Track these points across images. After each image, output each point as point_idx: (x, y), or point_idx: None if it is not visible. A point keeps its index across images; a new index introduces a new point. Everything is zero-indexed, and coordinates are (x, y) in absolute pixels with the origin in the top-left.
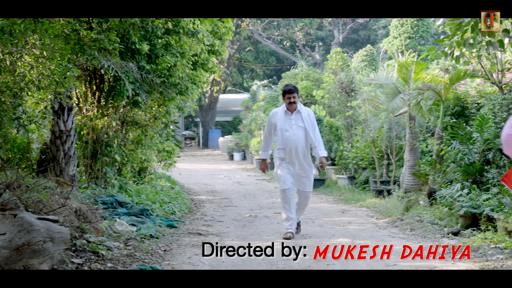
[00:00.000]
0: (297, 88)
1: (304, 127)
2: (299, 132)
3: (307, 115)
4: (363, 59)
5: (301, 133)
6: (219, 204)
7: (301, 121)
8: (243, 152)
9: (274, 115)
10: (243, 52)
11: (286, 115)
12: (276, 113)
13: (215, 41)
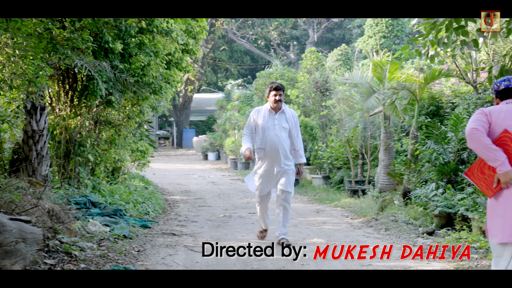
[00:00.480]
0: (284, 87)
1: (288, 128)
2: (282, 133)
3: (291, 116)
4: (338, 59)
5: (284, 134)
6: (193, 204)
7: (285, 121)
8: (218, 152)
9: (257, 112)
10: (217, 51)
11: (270, 114)
12: (259, 111)
13: (189, 40)
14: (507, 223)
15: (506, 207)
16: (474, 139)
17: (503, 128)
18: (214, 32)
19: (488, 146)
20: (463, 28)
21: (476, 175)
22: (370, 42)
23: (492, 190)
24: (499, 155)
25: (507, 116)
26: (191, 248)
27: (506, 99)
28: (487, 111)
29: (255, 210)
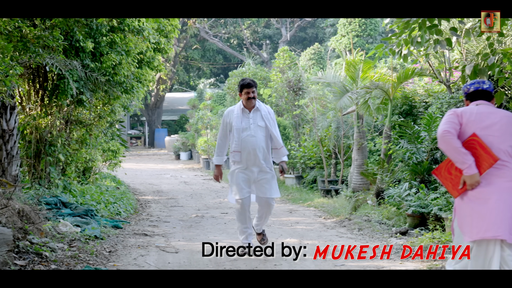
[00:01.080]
0: (256, 83)
1: (264, 127)
2: (258, 132)
3: (267, 112)
4: (310, 58)
5: (261, 134)
6: (165, 204)
7: (261, 119)
8: (190, 151)
9: (229, 113)
10: (189, 50)
11: (244, 113)
12: (231, 111)
13: (161, 39)
14: (474, 222)
15: (472, 207)
16: (445, 141)
17: (472, 131)
18: (186, 31)
19: (458, 149)
20: (436, 27)
21: (443, 174)
22: (343, 41)
23: (457, 191)
24: (467, 159)
25: (477, 119)
26: (163, 249)
27: (475, 101)
28: (459, 112)
29: (228, 211)
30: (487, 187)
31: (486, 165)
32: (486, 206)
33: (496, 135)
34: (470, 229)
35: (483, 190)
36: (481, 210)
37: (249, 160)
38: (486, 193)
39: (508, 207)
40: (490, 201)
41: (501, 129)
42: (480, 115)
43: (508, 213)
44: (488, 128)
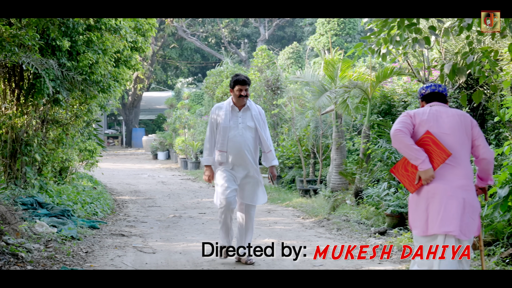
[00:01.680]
0: (250, 81)
1: (254, 128)
2: (247, 132)
3: (257, 113)
4: (289, 57)
5: (249, 134)
6: (143, 205)
7: (250, 119)
8: (168, 151)
9: (217, 109)
10: (167, 49)
11: (233, 111)
12: (220, 108)
13: (138, 38)
14: (429, 217)
15: (428, 203)
16: (398, 140)
17: (425, 129)
18: (164, 29)
19: (410, 146)
20: (415, 26)
21: (400, 172)
22: (321, 40)
23: (414, 186)
24: (420, 154)
25: (430, 118)
26: (141, 249)
27: (430, 102)
28: (412, 113)
29: (205, 211)
30: (442, 184)
31: (439, 160)
32: (440, 203)
33: (449, 133)
34: (425, 223)
35: (438, 187)
36: (435, 206)
37: (235, 161)
38: (441, 190)
39: (461, 204)
40: (444, 198)
41: (454, 127)
42: (433, 114)
43: (461, 210)
44: (441, 127)
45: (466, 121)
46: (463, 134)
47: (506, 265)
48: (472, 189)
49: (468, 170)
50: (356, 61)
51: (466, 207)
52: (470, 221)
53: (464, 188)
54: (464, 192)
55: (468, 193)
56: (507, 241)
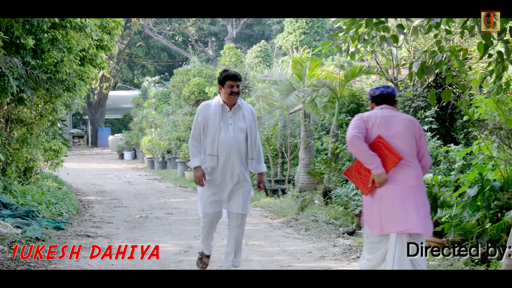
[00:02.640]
0: (241, 77)
1: (246, 128)
2: (238, 134)
3: (249, 112)
4: (257, 55)
5: (241, 136)
6: (109, 205)
7: (242, 120)
8: (134, 151)
9: (205, 108)
10: (133, 48)
11: (223, 110)
12: (208, 106)
13: (104, 36)
14: (383, 217)
15: (381, 204)
16: (354, 145)
17: (378, 133)
18: (130, 27)
19: (366, 152)
20: (383, 24)
21: (354, 175)
22: (290, 38)
23: (367, 189)
24: (374, 160)
25: (382, 122)
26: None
27: (380, 104)
28: (365, 117)
29: (172, 211)
30: (394, 185)
31: (391, 164)
32: (393, 203)
33: (400, 137)
34: (379, 224)
35: (390, 188)
36: (389, 206)
37: (225, 167)
38: (393, 191)
39: (414, 204)
40: (395, 199)
41: (404, 131)
42: (385, 119)
43: (414, 209)
44: (392, 131)
45: (415, 126)
46: (412, 137)
47: (475, 265)
48: (423, 189)
49: (418, 171)
50: (324, 59)
51: (419, 206)
52: (426, 219)
53: (416, 188)
54: (416, 192)
55: (420, 192)
56: (476, 241)
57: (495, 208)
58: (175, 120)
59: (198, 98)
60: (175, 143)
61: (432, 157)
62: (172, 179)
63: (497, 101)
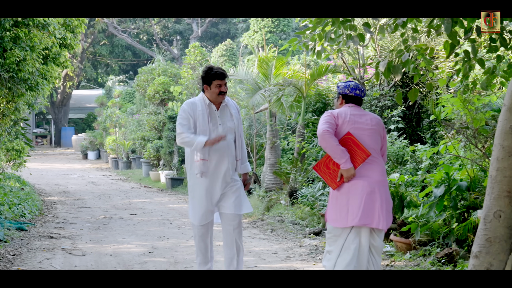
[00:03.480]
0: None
1: (234, 128)
2: (228, 135)
3: (236, 110)
4: (222, 54)
5: (231, 137)
6: (72, 206)
7: (230, 119)
8: (98, 150)
9: (192, 107)
10: (97, 46)
11: (211, 110)
12: (194, 105)
13: (67, 34)
14: (349, 211)
15: (348, 197)
16: (325, 140)
17: (347, 130)
18: (94, 26)
19: (336, 147)
20: (349, 22)
21: (322, 169)
22: (256, 37)
23: (336, 183)
24: (344, 155)
25: (351, 120)
26: (70, 252)
27: (349, 103)
28: (335, 114)
29: (137, 212)
30: (363, 181)
31: (359, 159)
32: (361, 197)
33: (367, 134)
34: (345, 216)
35: (358, 183)
36: (355, 200)
37: (217, 172)
38: (362, 186)
39: (379, 198)
40: (363, 193)
41: (372, 129)
42: (354, 116)
43: (379, 203)
44: (360, 128)
45: (380, 124)
46: (378, 135)
47: (442, 265)
48: (387, 185)
49: (383, 166)
50: (290, 58)
51: (384, 201)
52: (388, 214)
53: (381, 183)
54: (381, 187)
55: (385, 188)
56: (443, 241)
57: (462, 208)
58: (140, 120)
59: (163, 98)
60: (140, 142)
61: (398, 157)
62: (137, 179)
63: (463, 100)
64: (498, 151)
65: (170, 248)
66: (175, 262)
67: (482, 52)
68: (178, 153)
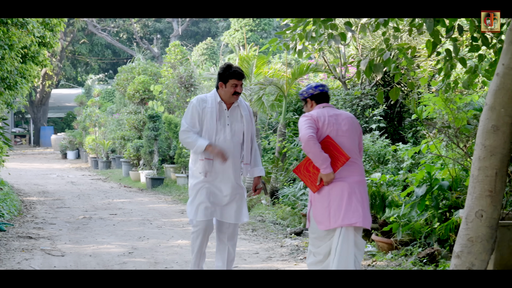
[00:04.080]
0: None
1: (243, 130)
2: (235, 137)
3: (248, 112)
4: (203, 53)
5: (238, 139)
6: (51, 206)
7: (239, 120)
8: (77, 150)
9: (201, 104)
10: (77, 45)
11: (220, 109)
12: (203, 101)
13: (46, 33)
14: (331, 213)
15: (329, 200)
16: (310, 145)
17: (327, 133)
18: (73, 24)
19: (319, 153)
20: (330, 21)
21: (302, 172)
22: (236, 35)
23: (316, 187)
24: (325, 161)
25: (330, 122)
26: (49, 252)
27: (322, 103)
28: (315, 117)
29: (117, 212)
30: (343, 182)
31: (339, 163)
32: (342, 198)
33: (346, 136)
34: (327, 219)
35: (338, 184)
36: (336, 202)
37: (220, 173)
38: (342, 187)
39: (360, 198)
40: (344, 194)
41: (349, 129)
42: (331, 118)
43: (360, 203)
44: (339, 130)
45: (355, 122)
46: (355, 134)
47: (424, 265)
48: (366, 184)
49: (362, 166)
50: (271, 57)
51: (364, 200)
52: (368, 214)
53: (360, 183)
54: (360, 187)
55: (364, 188)
56: (425, 240)
57: (444, 207)
58: (120, 119)
59: (143, 97)
60: (120, 142)
61: (380, 156)
62: (117, 179)
63: (445, 99)
64: (480, 151)
65: (150, 249)
66: (155, 262)
67: (464, 51)
68: (158, 152)
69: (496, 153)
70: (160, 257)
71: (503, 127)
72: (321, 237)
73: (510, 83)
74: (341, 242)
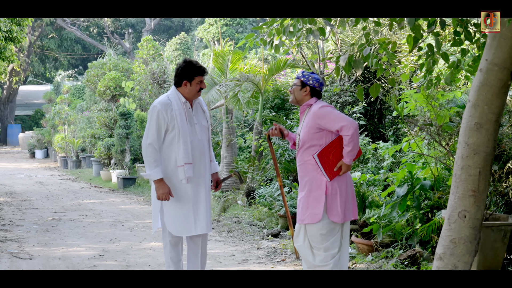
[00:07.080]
0: None
1: (207, 126)
2: (203, 135)
3: (206, 107)
4: (176, 48)
5: (206, 137)
6: (19, 207)
7: (203, 116)
8: (46, 149)
9: (167, 108)
10: (45, 40)
11: (187, 109)
12: (168, 106)
13: (13, 27)
14: (347, 206)
15: (346, 192)
16: (357, 133)
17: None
18: (42, 18)
19: (358, 143)
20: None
21: (323, 158)
22: (211, 30)
23: (333, 173)
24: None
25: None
26: (16, 255)
27: (314, 97)
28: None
29: (87, 213)
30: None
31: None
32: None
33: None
34: (342, 211)
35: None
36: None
37: (198, 176)
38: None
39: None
40: (351, 187)
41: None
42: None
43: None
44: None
45: None
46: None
47: (405, 267)
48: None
49: None
50: (247, 52)
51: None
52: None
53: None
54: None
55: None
56: (406, 242)
57: (426, 208)
58: (90, 117)
59: (114, 93)
60: (90, 140)
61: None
62: (87, 179)
63: (427, 96)
64: (463, 149)
65: (121, 251)
66: (127, 265)
67: (446, 46)
68: (130, 151)
69: (480, 151)
70: (132, 259)
71: (486, 125)
72: (331, 230)
73: (493, 79)
74: (345, 236)
